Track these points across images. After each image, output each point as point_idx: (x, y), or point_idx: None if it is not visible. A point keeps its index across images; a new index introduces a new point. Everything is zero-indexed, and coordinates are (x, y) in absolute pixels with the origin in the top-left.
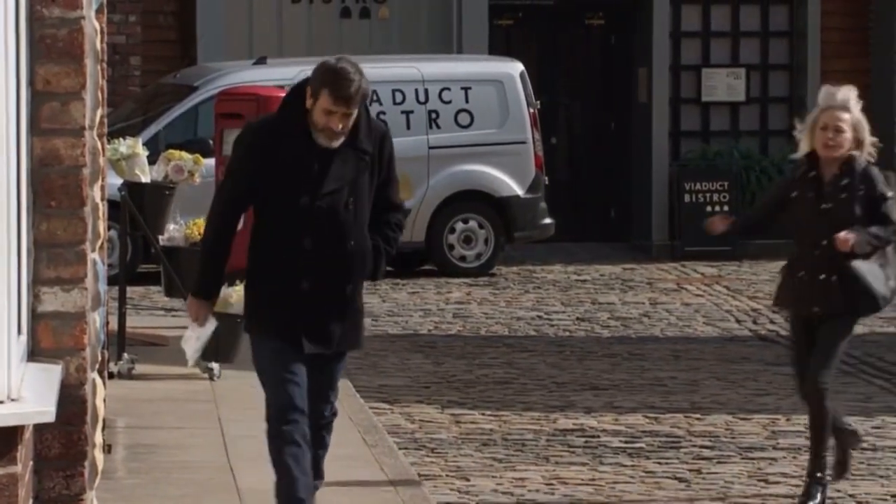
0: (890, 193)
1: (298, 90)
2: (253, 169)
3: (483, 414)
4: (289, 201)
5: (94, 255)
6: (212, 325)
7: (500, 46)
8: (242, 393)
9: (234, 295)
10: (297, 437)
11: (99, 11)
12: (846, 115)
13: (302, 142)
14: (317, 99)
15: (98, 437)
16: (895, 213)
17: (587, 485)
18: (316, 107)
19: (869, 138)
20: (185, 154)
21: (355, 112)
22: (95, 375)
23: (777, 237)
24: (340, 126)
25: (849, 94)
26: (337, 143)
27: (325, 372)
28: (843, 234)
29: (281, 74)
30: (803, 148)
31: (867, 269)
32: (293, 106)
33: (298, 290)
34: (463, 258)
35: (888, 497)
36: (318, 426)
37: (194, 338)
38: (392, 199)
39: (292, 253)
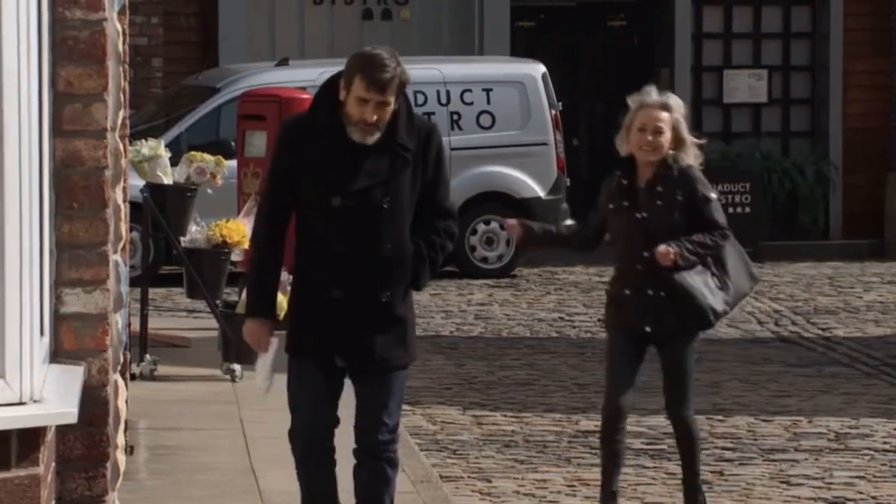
0: (713, 195)
1: (330, 84)
2: (288, 169)
3: (505, 415)
4: (319, 201)
5: (115, 257)
6: (275, 345)
7: (521, 48)
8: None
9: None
10: (320, 453)
11: (121, 13)
12: (665, 115)
13: (334, 137)
14: (350, 88)
15: (120, 439)
16: (721, 215)
17: None
18: (349, 97)
19: (691, 139)
20: (207, 156)
21: (392, 102)
22: (117, 377)
23: (799, 237)
24: (375, 117)
25: (669, 94)
26: (372, 139)
27: (375, 390)
28: (662, 248)
29: (303, 76)
30: (621, 151)
31: (698, 281)
32: (325, 101)
33: (330, 298)
34: (484, 259)
35: None
36: (374, 454)
37: (261, 364)
38: (440, 203)
39: (323, 258)
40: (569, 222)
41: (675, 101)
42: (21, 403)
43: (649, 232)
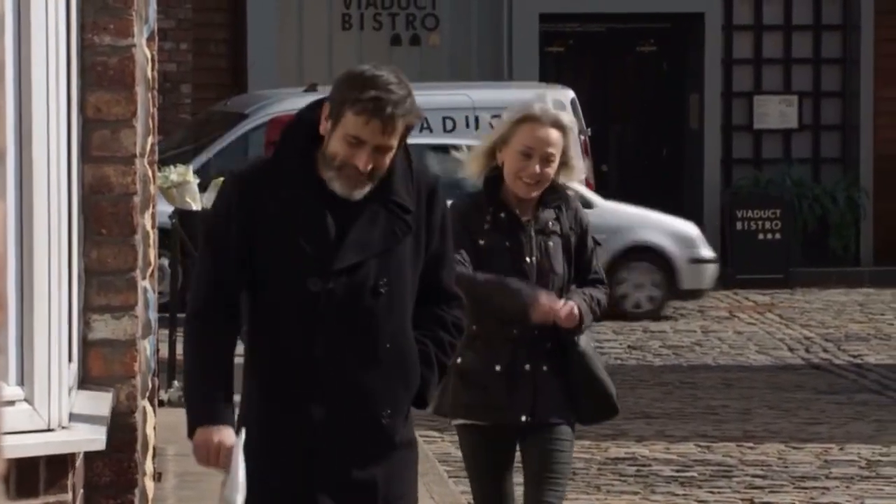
0: (597, 240)
1: (305, 116)
2: (240, 239)
3: None
4: (290, 285)
5: (144, 283)
6: (239, 453)
7: (550, 73)
8: None
9: None
10: None
11: (150, 39)
12: (556, 136)
13: (309, 191)
14: (337, 121)
15: (149, 465)
16: (600, 265)
17: None
18: (335, 133)
19: (580, 164)
20: None
21: (395, 145)
22: (146, 403)
23: (830, 264)
24: (369, 165)
25: (559, 110)
26: (361, 194)
27: None
28: (568, 305)
29: None
30: (474, 169)
31: (592, 351)
32: (296, 139)
33: (309, 421)
34: None
35: None
36: None
37: (228, 478)
38: (446, 286)
39: (296, 365)
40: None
41: (567, 117)
42: (49, 430)
43: (537, 284)
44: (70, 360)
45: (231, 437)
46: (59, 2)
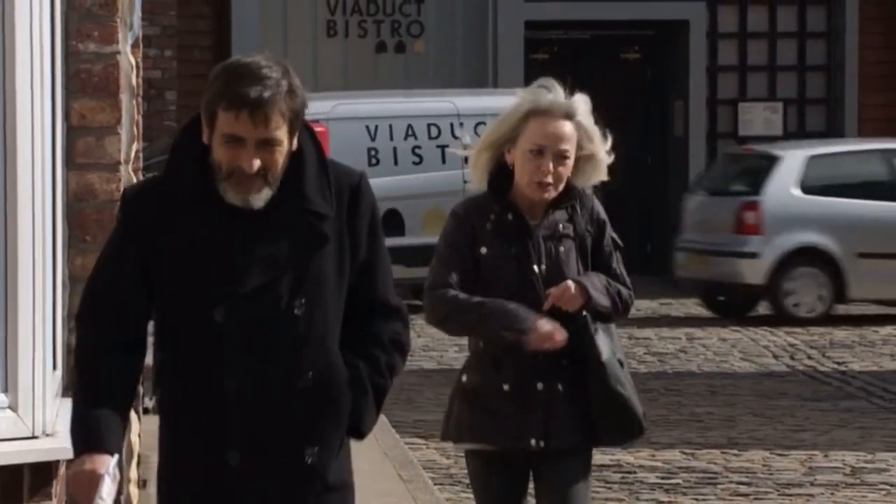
0: (619, 241)
1: (190, 128)
2: (135, 264)
3: None
4: (191, 314)
5: None
6: (111, 487)
7: (535, 80)
8: None
9: None
10: None
11: (134, 46)
12: (570, 129)
13: (206, 208)
14: (212, 124)
15: (133, 473)
16: (624, 270)
17: None
18: (214, 138)
19: (604, 155)
20: None
21: (282, 139)
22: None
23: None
24: (257, 163)
25: (576, 98)
26: (260, 200)
27: None
28: (562, 284)
29: (316, 109)
30: (478, 175)
31: (615, 364)
32: (186, 152)
33: (224, 466)
34: None
35: None
36: None
37: None
38: (382, 297)
39: (207, 402)
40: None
41: (583, 103)
42: (34, 437)
43: (547, 293)
44: (54, 367)
45: (103, 465)
46: (43, 9)
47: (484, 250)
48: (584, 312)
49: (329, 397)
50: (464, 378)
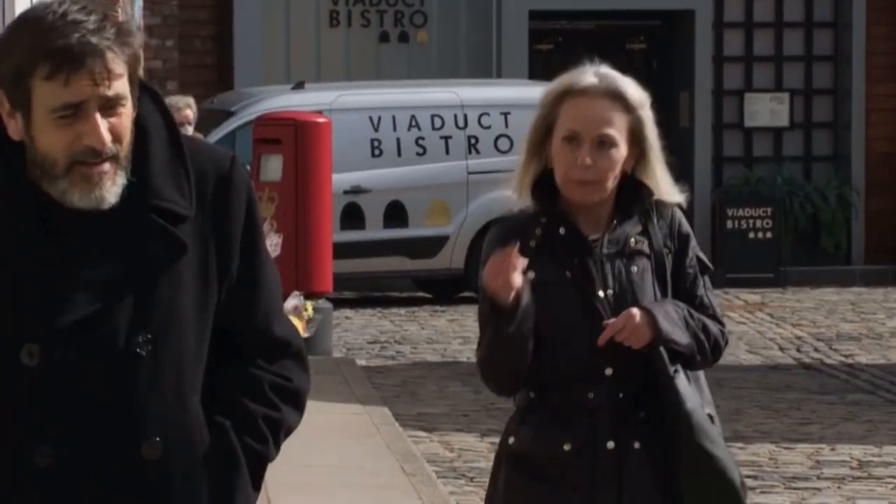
0: (707, 261)
1: None
2: None
3: None
4: None
5: None
6: None
7: (540, 71)
8: None
9: None
10: None
11: None
12: (615, 111)
13: (19, 207)
14: (27, 105)
15: None
16: (715, 300)
17: None
18: (34, 124)
19: (659, 151)
20: None
21: (127, 94)
22: None
23: (822, 263)
24: (107, 135)
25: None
26: (114, 195)
27: None
28: (625, 313)
29: (319, 99)
30: (519, 180)
31: (703, 416)
32: None
33: None
34: None
35: None
36: None
37: None
38: (262, 326)
39: (13, 480)
40: None
41: (636, 88)
42: None
43: (605, 325)
44: None
45: None
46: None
47: (531, 275)
48: (661, 349)
49: (182, 471)
50: (510, 441)
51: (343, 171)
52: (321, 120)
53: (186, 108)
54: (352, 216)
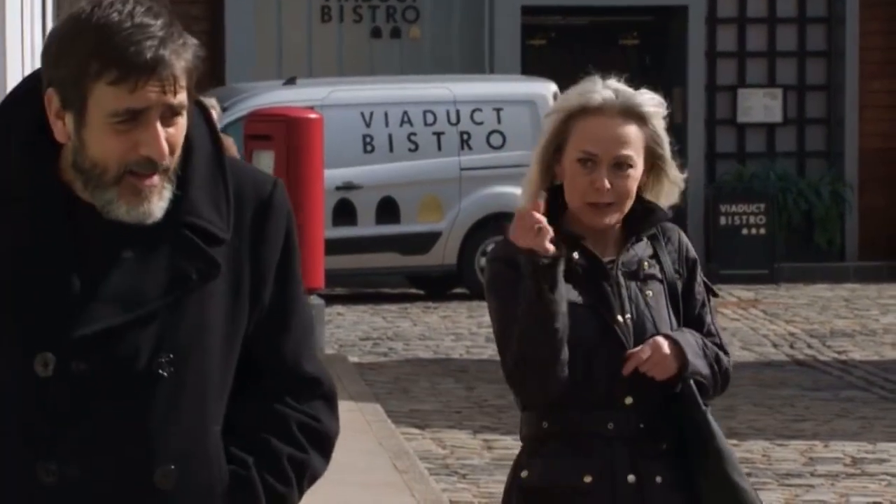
0: (712, 286)
1: (23, 104)
2: None
3: (515, 439)
4: (4, 367)
5: None
6: None
7: (532, 66)
8: None
9: None
10: None
11: None
12: (632, 130)
13: (46, 209)
14: (82, 107)
15: None
16: (720, 328)
17: None
18: (87, 127)
19: (676, 172)
20: None
21: (185, 104)
22: None
23: (815, 259)
24: (164, 146)
25: (643, 91)
26: (161, 209)
27: None
28: (650, 343)
29: (311, 95)
30: (526, 197)
31: (725, 442)
32: (12, 158)
33: None
34: None
35: None
36: None
37: None
38: (292, 361)
39: (16, 493)
40: None
41: (650, 98)
42: None
43: (628, 355)
44: None
45: None
46: None
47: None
48: (690, 380)
49: (197, 500)
50: (523, 475)
51: (335, 167)
52: (313, 116)
53: (210, 109)
54: (344, 212)
